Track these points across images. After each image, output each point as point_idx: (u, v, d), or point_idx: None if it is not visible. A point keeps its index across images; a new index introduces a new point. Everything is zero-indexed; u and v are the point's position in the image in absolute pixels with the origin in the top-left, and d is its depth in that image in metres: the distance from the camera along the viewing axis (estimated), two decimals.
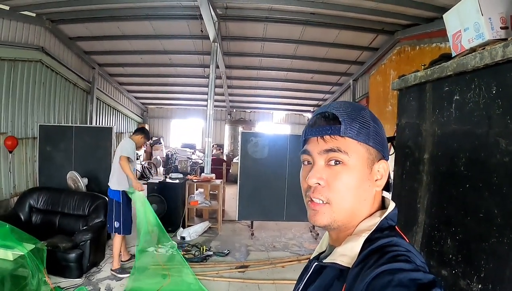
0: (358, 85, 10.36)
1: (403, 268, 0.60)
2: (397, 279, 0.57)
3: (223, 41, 8.05)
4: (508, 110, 1.47)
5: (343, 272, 0.71)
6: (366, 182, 0.75)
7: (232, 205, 7.98)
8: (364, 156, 0.75)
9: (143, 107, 16.33)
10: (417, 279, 0.58)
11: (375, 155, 0.76)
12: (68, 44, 8.19)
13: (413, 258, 0.64)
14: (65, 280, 4.05)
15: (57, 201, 4.95)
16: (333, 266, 0.74)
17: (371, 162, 0.76)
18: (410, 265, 0.61)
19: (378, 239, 0.69)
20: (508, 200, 1.43)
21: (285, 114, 17.80)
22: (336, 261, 0.73)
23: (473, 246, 1.64)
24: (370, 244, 0.69)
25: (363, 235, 0.72)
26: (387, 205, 0.78)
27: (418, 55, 6.04)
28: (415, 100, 2.47)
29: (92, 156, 6.19)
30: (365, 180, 0.75)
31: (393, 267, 0.60)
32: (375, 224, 0.73)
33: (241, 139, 6.30)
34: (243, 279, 4.34)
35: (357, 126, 0.75)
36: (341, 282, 0.69)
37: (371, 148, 0.75)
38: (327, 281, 0.74)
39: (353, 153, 0.74)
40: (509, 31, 1.58)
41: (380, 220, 0.73)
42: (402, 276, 0.58)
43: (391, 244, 0.67)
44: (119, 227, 4.40)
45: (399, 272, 0.59)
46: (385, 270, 0.60)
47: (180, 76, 11.51)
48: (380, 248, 0.67)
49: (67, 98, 8.63)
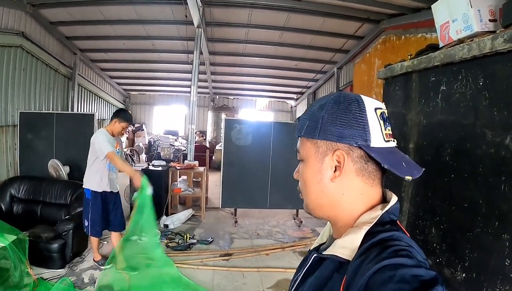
0: (342, 73, 10.41)
1: (405, 263, 0.59)
2: (399, 275, 0.56)
3: (207, 27, 7.93)
4: (495, 102, 1.48)
5: (342, 265, 0.70)
6: (317, 175, 0.77)
7: (215, 192, 7.95)
8: (311, 150, 0.78)
9: (126, 93, 16.07)
10: (419, 275, 0.57)
11: (326, 147, 0.75)
12: (49, 29, 7.93)
13: (415, 253, 0.64)
14: (48, 270, 3.96)
15: (39, 190, 4.83)
16: (333, 258, 0.73)
17: (321, 155, 0.76)
18: (412, 261, 0.60)
19: (379, 232, 0.68)
20: (494, 191, 1.45)
21: (268, 101, 17.82)
22: (336, 253, 0.72)
23: (457, 236, 1.67)
24: (371, 237, 0.67)
25: (364, 227, 0.70)
26: (389, 199, 0.76)
27: (403, 45, 6.08)
28: (401, 90, 2.48)
29: (74, 143, 6.05)
30: (315, 173, 0.77)
31: (394, 262, 0.59)
32: (376, 217, 0.71)
33: (225, 127, 6.25)
34: (227, 267, 4.35)
35: (306, 123, 0.79)
36: (341, 275, 0.68)
37: (319, 141, 0.76)
38: (327, 273, 0.73)
39: (303, 150, 0.80)
40: (498, 24, 1.59)
41: (382, 213, 0.71)
42: (404, 271, 0.57)
43: (393, 238, 0.67)
44: (87, 226, 4.09)
45: (401, 267, 0.58)
46: (387, 264, 0.59)
47: (163, 62, 11.36)
48: (381, 241, 0.66)
49: (48, 85, 8.40)
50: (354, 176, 0.74)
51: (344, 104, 0.74)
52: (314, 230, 6.04)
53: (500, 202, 1.41)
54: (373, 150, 0.71)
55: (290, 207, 6.59)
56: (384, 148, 0.73)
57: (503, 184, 1.41)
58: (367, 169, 0.74)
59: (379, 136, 0.72)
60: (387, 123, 0.76)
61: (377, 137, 0.72)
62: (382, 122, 0.74)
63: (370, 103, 0.75)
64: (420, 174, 0.71)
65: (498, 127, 1.46)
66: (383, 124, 0.74)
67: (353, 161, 0.73)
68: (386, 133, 0.73)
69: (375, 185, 0.75)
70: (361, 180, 0.74)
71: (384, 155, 0.71)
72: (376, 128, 0.72)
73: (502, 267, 1.36)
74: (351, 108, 0.73)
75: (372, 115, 0.73)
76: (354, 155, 0.73)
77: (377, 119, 0.73)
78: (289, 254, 4.90)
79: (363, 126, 0.72)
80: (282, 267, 4.41)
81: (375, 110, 0.74)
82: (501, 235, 1.39)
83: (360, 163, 0.73)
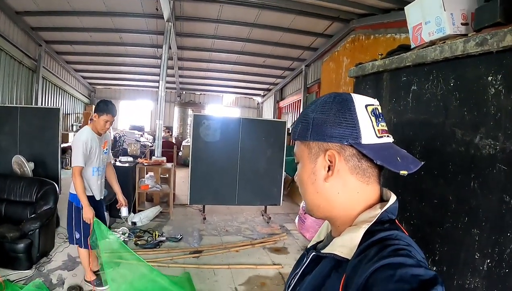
0: (310, 70, 10.54)
1: (404, 262, 0.59)
2: (399, 274, 0.56)
3: (176, 21, 7.76)
4: (466, 102, 1.54)
5: (341, 263, 0.69)
6: (311, 176, 0.78)
7: (182, 188, 7.84)
8: (305, 152, 0.79)
9: (91, 87, 15.57)
10: (419, 275, 0.57)
11: (318, 148, 0.76)
12: (14, 18, 7.54)
13: (414, 252, 0.64)
14: (15, 272, 3.75)
15: (3, 188, 4.54)
16: (331, 256, 0.73)
17: (314, 156, 0.77)
18: (411, 260, 0.60)
19: (379, 231, 0.68)
20: (463, 187, 1.52)
21: (235, 97, 17.78)
22: (335, 252, 0.72)
23: (428, 230, 1.73)
24: (370, 236, 0.67)
25: (363, 226, 0.70)
26: (387, 197, 0.76)
27: (372, 44, 6.21)
28: (372, 89, 2.54)
29: (39, 138, 5.76)
30: (310, 174, 0.78)
31: (394, 261, 0.59)
32: (376, 216, 0.70)
33: (193, 122, 6.14)
34: (198, 264, 4.28)
35: (299, 126, 0.80)
36: (339, 273, 0.68)
37: (311, 143, 0.77)
38: (325, 271, 0.73)
39: (298, 152, 0.82)
40: (469, 27, 1.66)
41: (381, 212, 0.71)
42: (404, 271, 0.57)
43: (392, 237, 0.67)
44: (80, 238, 3.46)
45: (400, 266, 0.58)
46: (386, 264, 0.59)
47: (130, 56, 11.07)
48: (380, 240, 0.66)
49: (12, 77, 8.00)
50: (348, 175, 0.74)
51: (334, 104, 0.74)
52: (282, 226, 6.08)
53: (470, 198, 1.48)
54: (365, 147, 0.71)
55: (259, 203, 6.60)
56: (377, 144, 0.72)
57: (472, 181, 1.47)
58: (361, 166, 0.73)
59: (370, 133, 0.72)
60: (380, 119, 0.75)
61: (368, 134, 0.72)
62: (373, 118, 0.74)
63: (361, 101, 0.74)
64: (417, 168, 0.71)
65: (468, 126, 1.52)
66: (375, 120, 0.74)
67: (346, 159, 0.73)
68: (378, 129, 0.73)
69: (371, 182, 0.75)
70: (356, 178, 0.74)
71: (376, 151, 0.71)
72: (367, 125, 0.72)
73: (472, 260, 1.42)
74: (340, 108, 0.73)
75: (363, 112, 0.73)
76: (346, 153, 0.73)
77: (368, 116, 0.73)
78: (259, 251, 4.91)
79: (353, 124, 0.72)
80: (252, 263, 4.41)
81: (365, 107, 0.74)
82: (471, 229, 1.45)
83: (353, 161, 0.73)
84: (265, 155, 6.30)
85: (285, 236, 5.51)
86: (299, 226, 5.78)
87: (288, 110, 13.57)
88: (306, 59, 10.20)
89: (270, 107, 15.75)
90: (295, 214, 6.44)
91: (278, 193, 6.44)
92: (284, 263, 4.49)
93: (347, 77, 6.15)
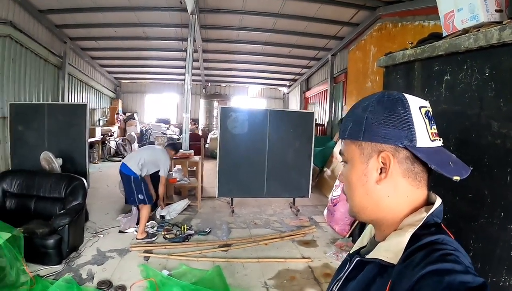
0: (336, 60, 10.37)
1: (452, 269, 0.58)
2: (446, 281, 0.55)
3: (200, 14, 7.80)
4: (501, 93, 1.48)
5: (386, 269, 0.68)
6: (362, 178, 0.75)
7: (210, 181, 7.86)
8: (356, 152, 0.76)
9: (116, 82, 15.85)
10: (467, 282, 0.56)
11: (371, 149, 0.73)
12: (38, 17, 7.72)
13: (462, 258, 0.62)
14: (45, 267, 3.83)
15: (32, 184, 4.67)
16: (376, 261, 0.72)
17: (366, 157, 0.74)
18: (459, 266, 0.59)
19: (425, 235, 0.66)
20: (499, 181, 1.46)
21: (261, 88, 17.72)
22: (380, 257, 0.71)
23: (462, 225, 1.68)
24: (417, 240, 0.66)
25: (409, 230, 0.68)
26: (432, 200, 0.74)
27: (400, 32, 6.02)
28: (403, 78, 2.48)
29: (66, 134, 5.88)
30: (360, 175, 0.75)
31: (442, 268, 0.58)
32: (421, 220, 0.69)
33: (220, 115, 6.17)
34: (227, 258, 4.30)
35: (350, 125, 0.77)
36: (384, 279, 0.67)
37: (363, 143, 0.74)
38: (370, 277, 0.72)
39: (348, 152, 0.79)
40: (504, 14, 1.58)
41: (426, 216, 0.69)
42: (452, 278, 0.56)
43: (439, 242, 0.65)
44: (143, 198, 4.81)
45: (448, 273, 0.57)
46: (433, 270, 0.58)
47: (155, 50, 11.19)
48: (427, 245, 0.64)
49: (38, 75, 8.20)
50: (400, 178, 0.72)
51: (388, 104, 0.72)
52: (311, 218, 6.06)
53: (506, 193, 1.43)
54: (419, 150, 0.69)
55: (287, 195, 6.60)
56: (430, 148, 0.70)
57: (509, 175, 1.42)
58: (414, 170, 0.71)
59: (425, 136, 0.70)
60: (432, 122, 0.73)
61: (423, 137, 0.70)
62: (427, 121, 0.71)
63: (414, 102, 0.72)
64: (468, 173, 0.68)
65: (504, 118, 1.46)
66: (428, 123, 0.71)
67: (399, 162, 0.71)
68: (431, 133, 0.71)
69: (421, 186, 0.73)
70: (407, 181, 0.72)
71: (430, 155, 0.69)
72: (421, 127, 0.70)
73: (508, 257, 1.38)
74: (395, 108, 0.71)
75: (417, 114, 0.71)
76: (400, 156, 0.71)
77: (422, 118, 0.71)
78: (288, 244, 4.90)
79: (409, 126, 0.70)
80: (282, 257, 4.41)
81: (419, 109, 0.71)
82: (507, 225, 1.40)
83: (406, 164, 0.71)
84: (293, 146, 6.27)
85: (314, 228, 5.49)
86: (328, 218, 5.74)
87: (314, 100, 13.43)
88: (332, 48, 10.04)
89: (296, 98, 15.63)
90: (323, 206, 6.38)
91: (307, 185, 6.41)
92: (313, 257, 4.46)
93: (374, 66, 5.99)
